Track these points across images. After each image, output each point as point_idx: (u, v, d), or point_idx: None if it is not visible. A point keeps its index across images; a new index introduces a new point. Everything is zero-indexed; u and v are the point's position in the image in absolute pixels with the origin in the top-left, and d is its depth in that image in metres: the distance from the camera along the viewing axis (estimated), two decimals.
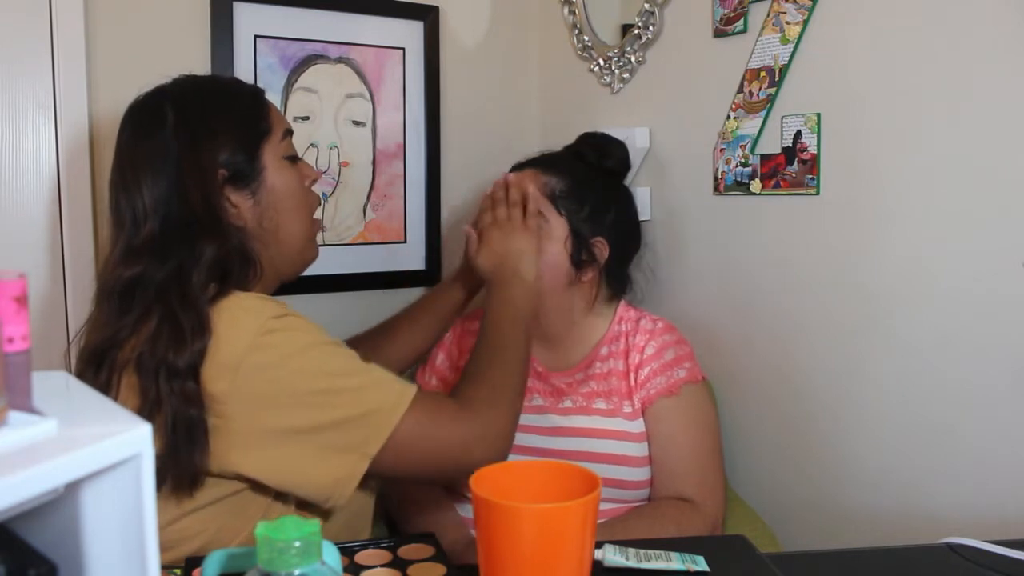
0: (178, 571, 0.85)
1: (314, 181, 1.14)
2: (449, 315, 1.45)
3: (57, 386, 0.56)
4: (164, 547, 0.85)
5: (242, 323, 0.93)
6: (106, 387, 0.94)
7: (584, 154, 1.42)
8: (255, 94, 1.11)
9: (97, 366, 0.95)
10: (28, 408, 0.49)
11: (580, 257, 1.32)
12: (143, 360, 0.91)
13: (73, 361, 1.04)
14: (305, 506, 0.99)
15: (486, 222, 1.28)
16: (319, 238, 1.17)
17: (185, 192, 0.99)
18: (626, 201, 1.43)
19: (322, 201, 1.16)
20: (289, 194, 1.08)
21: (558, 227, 1.31)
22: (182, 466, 0.91)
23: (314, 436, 0.93)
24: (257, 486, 0.96)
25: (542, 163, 1.38)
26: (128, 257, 0.98)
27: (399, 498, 1.39)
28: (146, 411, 0.90)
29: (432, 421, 0.97)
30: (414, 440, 0.96)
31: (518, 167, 1.41)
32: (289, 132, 1.11)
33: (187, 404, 0.90)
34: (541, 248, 1.26)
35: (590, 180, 1.37)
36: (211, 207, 1.00)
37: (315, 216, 1.15)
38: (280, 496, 0.98)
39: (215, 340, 0.91)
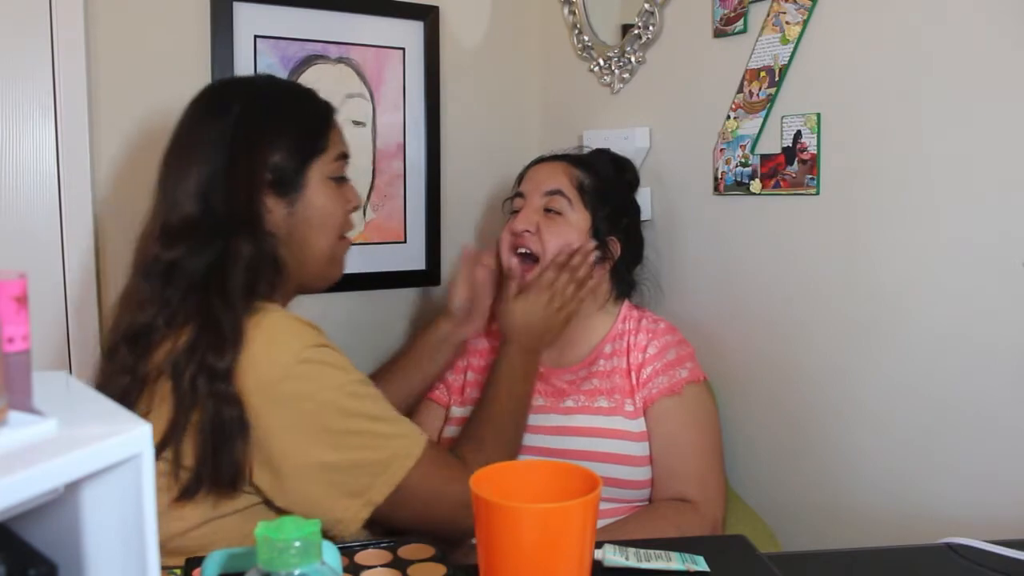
0: (178, 571, 0.85)
1: (356, 208, 1.15)
2: (440, 352, 1.42)
3: (57, 386, 0.56)
4: (191, 551, 0.86)
5: (281, 346, 0.94)
6: (138, 377, 0.95)
7: (605, 163, 1.45)
8: (325, 111, 1.12)
9: (133, 346, 0.96)
10: (28, 408, 0.49)
11: (596, 252, 1.35)
12: (178, 367, 0.92)
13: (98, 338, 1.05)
14: None
15: (547, 280, 1.29)
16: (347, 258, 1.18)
17: (230, 184, 1.00)
18: (637, 213, 1.49)
19: (355, 226, 1.17)
20: (325, 214, 1.08)
21: (582, 220, 1.35)
22: (222, 465, 0.91)
23: (327, 474, 0.95)
24: (269, 502, 0.96)
25: (572, 159, 1.42)
26: (166, 238, 0.99)
27: None
28: (181, 417, 0.91)
29: (437, 478, 0.99)
30: (416, 494, 0.98)
31: (546, 159, 1.43)
32: (344, 156, 1.12)
33: (226, 405, 0.91)
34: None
35: (613, 183, 1.42)
36: (251, 205, 1.01)
37: (347, 237, 1.15)
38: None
39: (251, 356, 0.92)
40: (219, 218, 0.99)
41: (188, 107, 1.07)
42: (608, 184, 1.40)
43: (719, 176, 1.45)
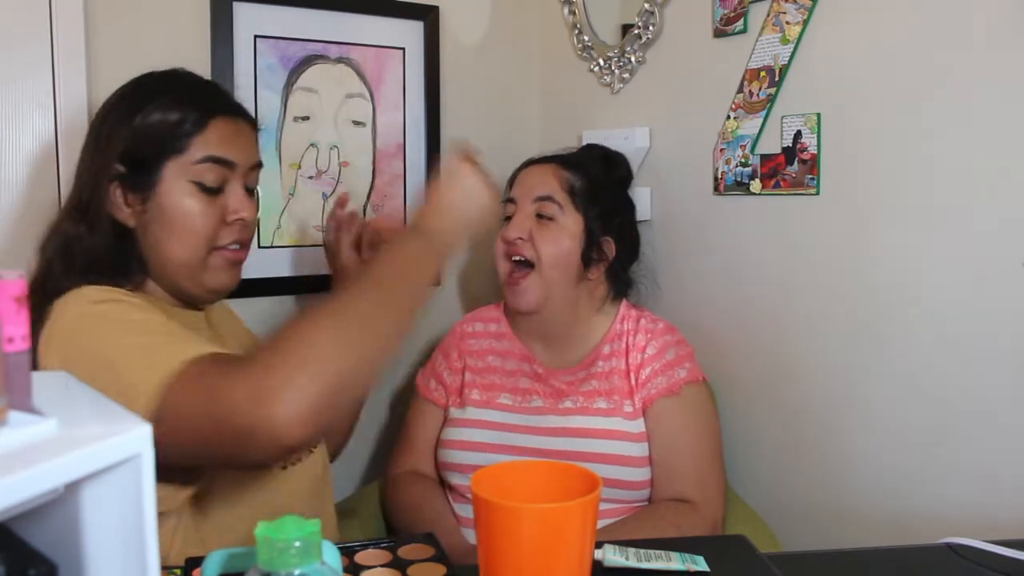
0: (178, 571, 0.85)
1: (244, 222, 1.05)
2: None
3: (57, 386, 0.56)
4: None
5: (65, 310, 0.93)
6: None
7: (595, 162, 1.44)
8: (199, 111, 1.02)
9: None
10: (28, 408, 0.49)
11: (590, 254, 1.36)
12: None
13: None
14: (202, 526, 0.97)
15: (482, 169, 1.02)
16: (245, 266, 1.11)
17: (84, 170, 1.05)
18: (631, 209, 1.48)
19: (252, 233, 1.08)
20: (178, 218, 1.01)
21: (574, 223, 1.35)
22: None
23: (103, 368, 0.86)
24: None
25: (561, 160, 1.41)
26: (54, 221, 1.05)
27: (395, 504, 1.39)
28: None
29: (205, 378, 0.82)
30: (187, 402, 0.81)
31: (536, 161, 1.43)
32: (214, 160, 1.02)
33: None
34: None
35: (603, 183, 1.41)
36: (97, 193, 1.02)
37: (227, 247, 1.05)
38: (179, 521, 0.95)
39: (47, 333, 0.91)
40: (75, 203, 1.03)
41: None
42: (598, 184, 1.39)
43: (719, 176, 1.45)
